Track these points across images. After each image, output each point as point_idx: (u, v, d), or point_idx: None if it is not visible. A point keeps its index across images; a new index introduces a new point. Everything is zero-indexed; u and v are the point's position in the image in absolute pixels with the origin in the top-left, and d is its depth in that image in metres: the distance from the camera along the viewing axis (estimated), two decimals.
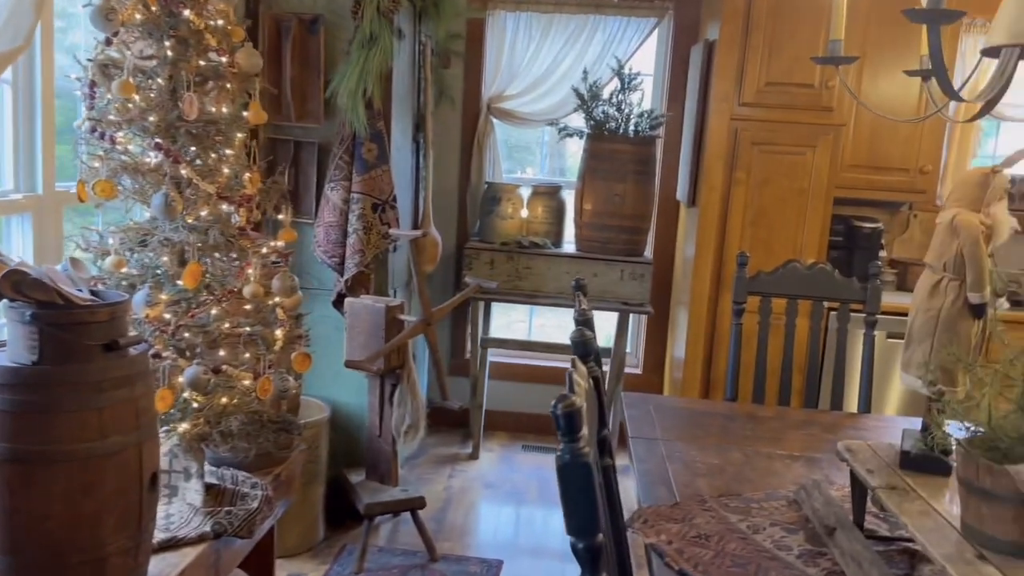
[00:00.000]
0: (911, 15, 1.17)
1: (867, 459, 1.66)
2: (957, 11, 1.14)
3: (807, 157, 3.52)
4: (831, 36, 1.54)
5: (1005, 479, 1.22)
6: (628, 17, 4.15)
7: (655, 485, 1.88)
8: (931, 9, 1.12)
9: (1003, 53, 1.26)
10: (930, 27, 1.16)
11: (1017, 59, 1.24)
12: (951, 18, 1.14)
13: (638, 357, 4.54)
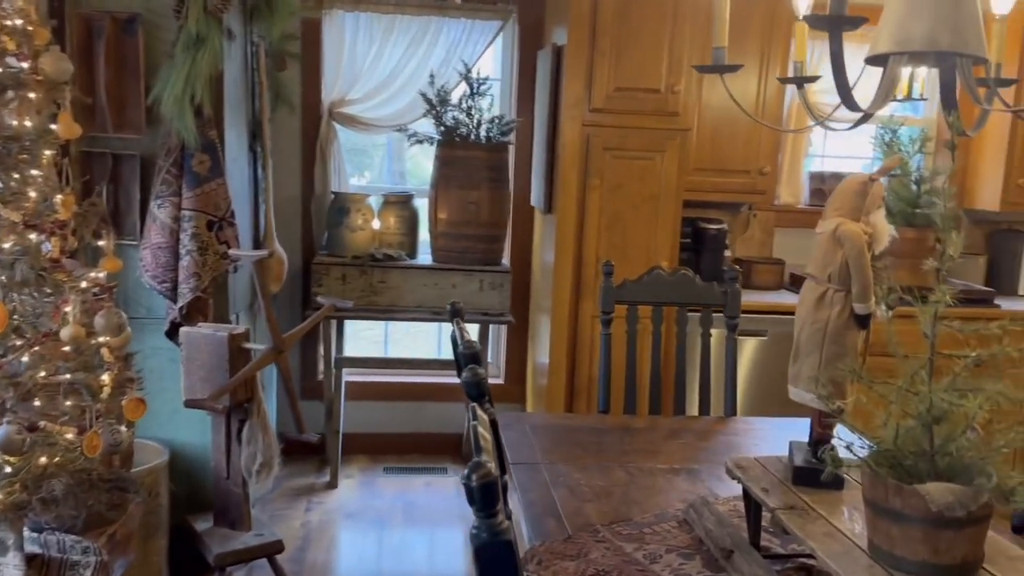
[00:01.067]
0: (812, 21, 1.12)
1: (759, 476, 1.63)
2: (860, 17, 1.10)
3: (656, 162, 3.55)
4: (714, 44, 1.48)
5: (914, 499, 1.19)
6: (472, 20, 4.04)
7: (543, 517, 1.77)
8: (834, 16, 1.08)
9: (889, 61, 1.23)
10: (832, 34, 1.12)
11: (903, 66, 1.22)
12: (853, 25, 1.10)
13: (499, 367, 4.45)
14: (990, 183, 4.17)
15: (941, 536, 1.20)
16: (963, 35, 1.20)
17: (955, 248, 1.27)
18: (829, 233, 1.51)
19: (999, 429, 1.26)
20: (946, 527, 1.19)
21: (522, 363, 4.35)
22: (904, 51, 1.20)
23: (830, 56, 1.14)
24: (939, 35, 1.20)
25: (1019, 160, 4.05)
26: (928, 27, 1.20)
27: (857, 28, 1.10)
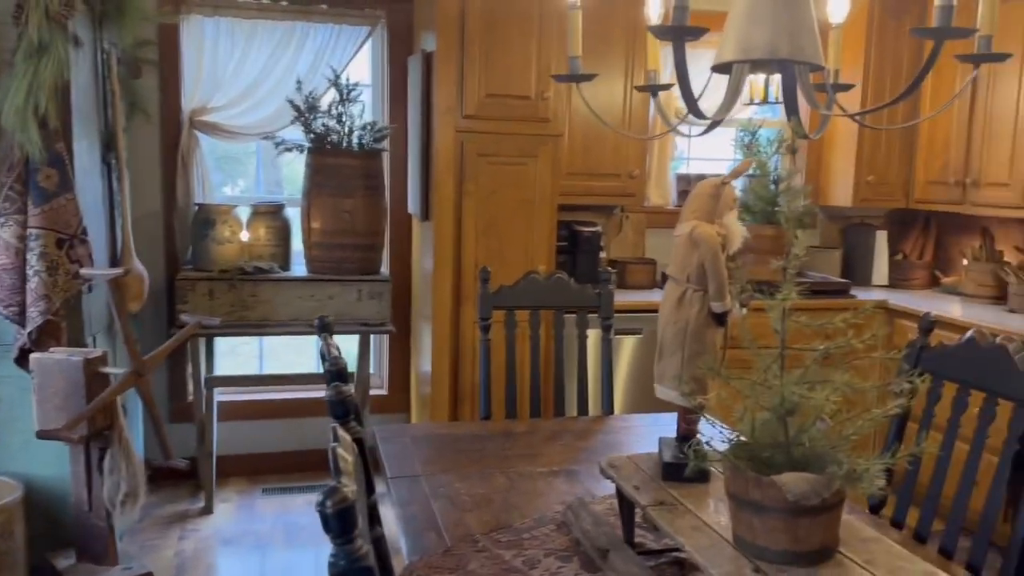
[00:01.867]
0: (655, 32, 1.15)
1: (631, 475, 1.66)
2: (700, 28, 1.14)
3: (530, 167, 3.58)
4: (569, 53, 1.50)
5: (773, 490, 1.23)
6: (339, 25, 3.96)
7: (423, 532, 1.74)
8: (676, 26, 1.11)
9: (734, 69, 1.28)
10: (675, 44, 1.15)
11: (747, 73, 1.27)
12: (695, 35, 1.13)
13: (382, 377, 4.38)
14: (842, 181, 4.44)
15: (799, 524, 1.25)
16: (800, 43, 1.26)
17: (801, 247, 1.32)
18: (685, 236, 1.55)
19: (848, 418, 1.33)
20: (803, 515, 1.24)
21: (405, 373, 4.30)
22: (747, 59, 1.24)
23: (674, 65, 1.17)
24: (779, 43, 1.25)
25: (868, 159, 4.33)
26: (768, 36, 1.26)
27: (699, 38, 1.14)
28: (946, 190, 4.12)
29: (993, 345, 1.79)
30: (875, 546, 1.33)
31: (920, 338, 1.98)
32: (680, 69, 1.17)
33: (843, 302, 4.03)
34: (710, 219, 1.57)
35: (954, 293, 4.23)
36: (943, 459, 1.86)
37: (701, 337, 1.56)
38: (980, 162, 3.90)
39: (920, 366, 1.96)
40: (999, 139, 3.79)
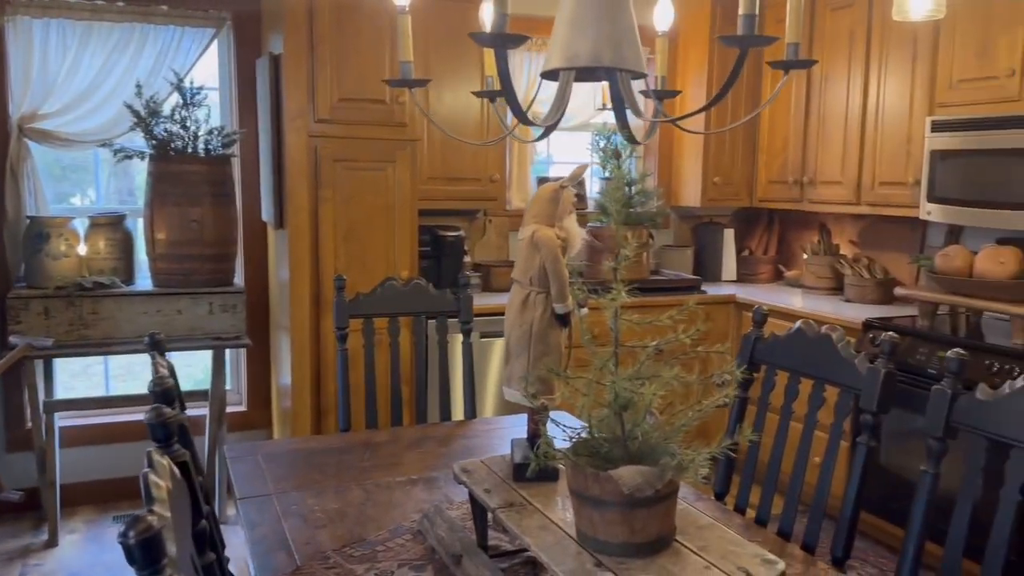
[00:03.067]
0: (478, 39, 1.15)
1: (483, 478, 1.66)
2: (521, 36, 1.15)
3: (388, 172, 3.54)
4: (400, 58, 1.49)
5: (610, 484, 1.27)
6: (182, 27, 3.79)
7: (272, 552, 1.68)
8: (496, 34, 1.12)
9: (560, 76, 1.30)
10: (496, 51, 1.16)
11: (572, 81, 1.29)
12: (516, 42, 1.15)
13: (241, 393, 4.22)
14: (691, 183, 4.64)
15: (636, 516, 1.28)
16: (623, 52, 1.30)
17: (630, 249, 1.36)
18: (527, 239, 1.57)
19: (681, 410, 1.38)
20: (639, 507, 1.28)
21: (266, 387, 4.16)
22: (571, 66, 1.27)
23: (497, 72, 1.19)
24: (602, 52, 1.29)
25: (714, 161, 4.54)
26: (591, 44, 1.29)
27: (519, 46, 1.15)
28: (786, 189, 4.38)
29: (819, 335, 1.91)
30: (710, 533, 1.39)
31: (754, 330, 2.08)
32: (503, 76, 1.18)
33: (695, 298, 4.21)
34: (550, 223, 1.59)
35: (796, 286, 4.50)
36: (779, 444, 1.97)
37: (545, 338, 1.59)
38: (815, 162, 4.17)
39: (754, 357, 2.07)
40: (831, 141, 4.07)
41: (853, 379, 1.78)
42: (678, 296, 4.19)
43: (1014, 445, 1.45)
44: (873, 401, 1.70)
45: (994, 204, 3.13)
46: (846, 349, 1.82)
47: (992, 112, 3.19)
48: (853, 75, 3.91)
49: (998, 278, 3.03)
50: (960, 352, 1.54)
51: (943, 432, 1.55)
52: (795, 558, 1.68)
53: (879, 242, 4.24)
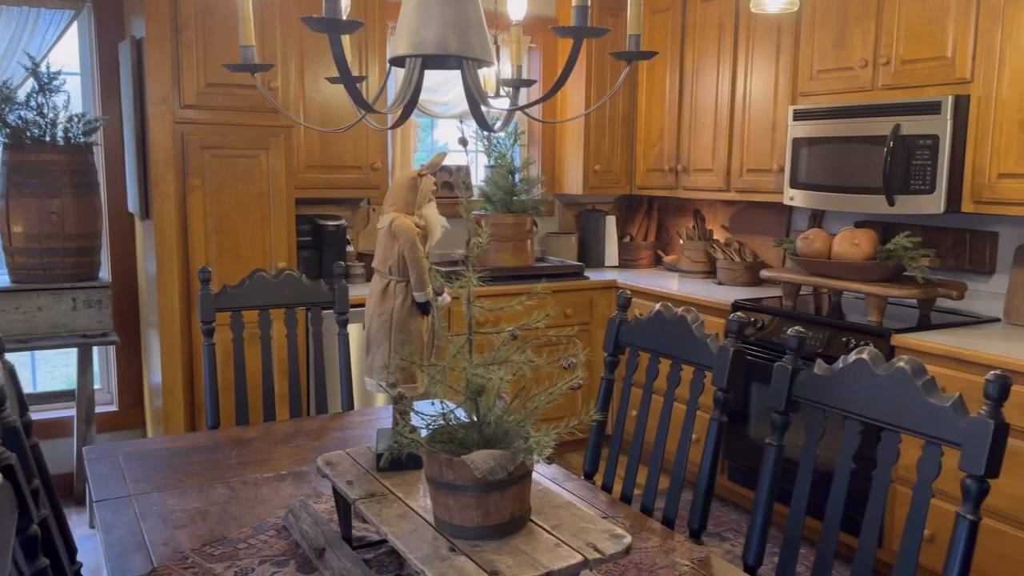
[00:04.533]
0: (310, 24, 1.13)
1: (347, 470, 1.65)
2: (355, 22, 1.13)
3: (261, 160, 3.45)
4: (241, 42, 1.45)
5: (463, 469, 1.28)
6: (38, 8, 3.56)
7: (127, 555, 1.62)
8: (329, 19, 1.10)
9: (407, 63, 1.30)
10: (331, 37, 1.14)
11: (421, 68, 1.29)
12: (350, 28, 1.13)
13: (112, 392, 4.03)
14: (574, 170, 4.71)
15: (490, 499, 1.30)
16: (469, 40, 1.31)
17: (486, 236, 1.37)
18: (385, 228, 1.56)
19: (536, 394, 1.41)
20: (492, 490, 1.30)
21: (138, 386, 3.99)
22: (418, 54, 1.27)
23: (333, 58, 1.17)
24: (448, 40, 1.29)
25: (594, 150, 4.62)
26: (437, 32, 1.29)
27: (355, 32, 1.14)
28: (662, 177, 4.51)
29: (676, 316, 1.98)
30: (565, 512, 1.42)
31: (619, 313, 2.14)
32: (339, 61, 1.16)
33: (578, 283, 4.29)
34: (409, 211, 1.59)
35: (674, 270, 4.65)
36: (641, 423, 2.03)
37: (406, 327, 1.58)
38: (688, 151, 4.31)
39: (619, 339, 2.13)
40: (703, 130, 4.21)
41: (706, 358, 1.85)
42: (562, 282, 4.25)
43: (848, 416, 1.54)
44: (723, 378, 1.78)
45: (851, 189, 3.32)
46: (700, 330, 1.90)
47: (848, 101, 3.37)
48: (722, 66, 4.06)
49: (854, 259, 3.21)
50: (799, 330, 1.63)
51: (784, 406, 1.63)
52: (654, 532, 1.74)
53: (749, 227, 4.42)
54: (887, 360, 1.47)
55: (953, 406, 1.35)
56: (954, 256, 3.40)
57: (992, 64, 2.89)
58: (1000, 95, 2.87)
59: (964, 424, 1.33)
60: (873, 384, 1.48)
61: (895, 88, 3.23)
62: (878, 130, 3.19)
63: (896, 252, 3.13)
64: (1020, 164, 2.82)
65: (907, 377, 1.42)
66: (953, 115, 2.96)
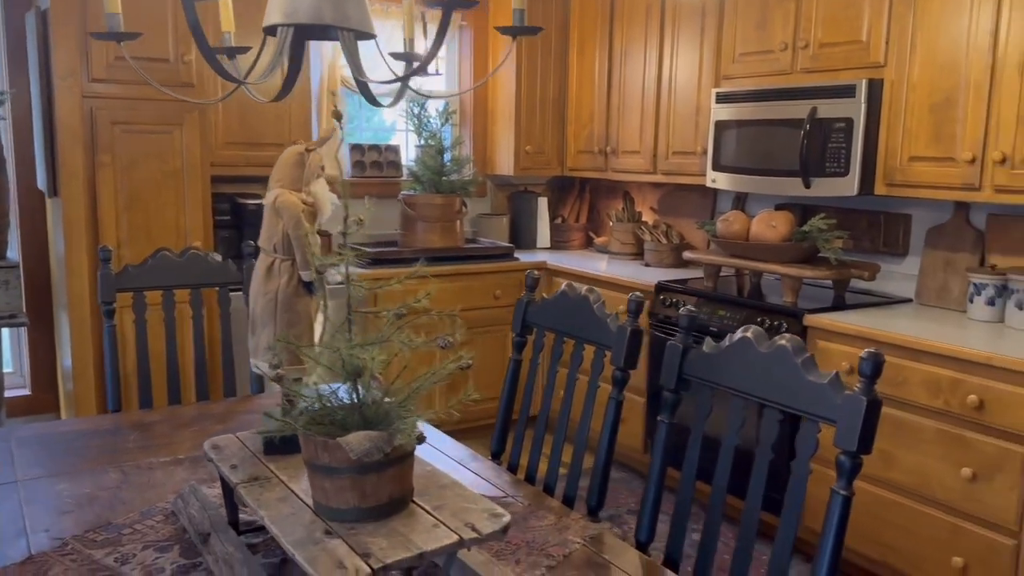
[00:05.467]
0: None
1: (233, 453, 1.61)
2: None
3: (175, 136, 3.35)
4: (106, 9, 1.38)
5: (338, 452, 1.25)
6: None
7: (8, 542, 1.56)
8: None
9: (279, 32, 1.25)
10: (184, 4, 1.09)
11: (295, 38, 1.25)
12: None
13: (24, 376, 3.90)
14: (505, 151, 4.69)
15: (366, 481, 1.28)
16: (345, 9, 1.27)
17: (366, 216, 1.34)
18: (270, 205, 1.52)
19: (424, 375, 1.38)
20: (369, 472, 1.27)
21: (52, 369, 3.87)
22: (291, 23, 1.23)
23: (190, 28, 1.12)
24: (323, 9, 1.25)
25: (525, 130, 4.60)
26: (312, 1, 1.25)
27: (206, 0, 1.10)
28: (592, 158, 4.51)
29: (579, 296, 1.97)
30: (449, 492, 1.41)
31: (526, 294, 2.13)
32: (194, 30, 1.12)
33: (508, 265, 4.28)
34: (296, 187, 1.55)
35: (604, 252, 4.67)
36: (546, 403, 2.03)
37: (293, 306, 1.55)
38: (617, 133, 4.32)
39: (527, 319, 2.12)
40: (630, 112, 4.22)
41: (606, 337, 1.86)
42: (492, 263, 4.24)
43: (735, 394, 1.56)
44: (621, 357, 1.79)
45: (771, 172, 3.36)
46: (601, 309, 1.90)
47: (769, 84, 3.41)
48: (649, 48, 4.06)
49: (770, 241, 3.26)
50: (690, 309, 1.64)
51: (675, 384, 1.64)
52: (551, 510, 1.74)
53: (677, 209, 4.46)
54: (802, 341, 1.49)
55: (830, 383, 1.37)
56: (869, 238, 3.48)
57: (904, 48, 2.94)
58: (912, 79, 2.92)
59: (839, 401, 1.35)
60: (756, 361, 1.49)
61: (813, 71, 3.27)
62: (796, 113, 3.23)
63: (811, 234, 3.18)
64: (930, 147, 2.88)
65: (788, 354, 1.43)
66: (867, 98, 3.02)
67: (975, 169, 2.75)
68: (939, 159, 2.86)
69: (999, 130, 2.67)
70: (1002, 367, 2.40)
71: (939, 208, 3.23)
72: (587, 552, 1.56)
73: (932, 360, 2.59)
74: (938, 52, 2.84)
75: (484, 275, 4.20)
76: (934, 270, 3.22)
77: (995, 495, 2.42)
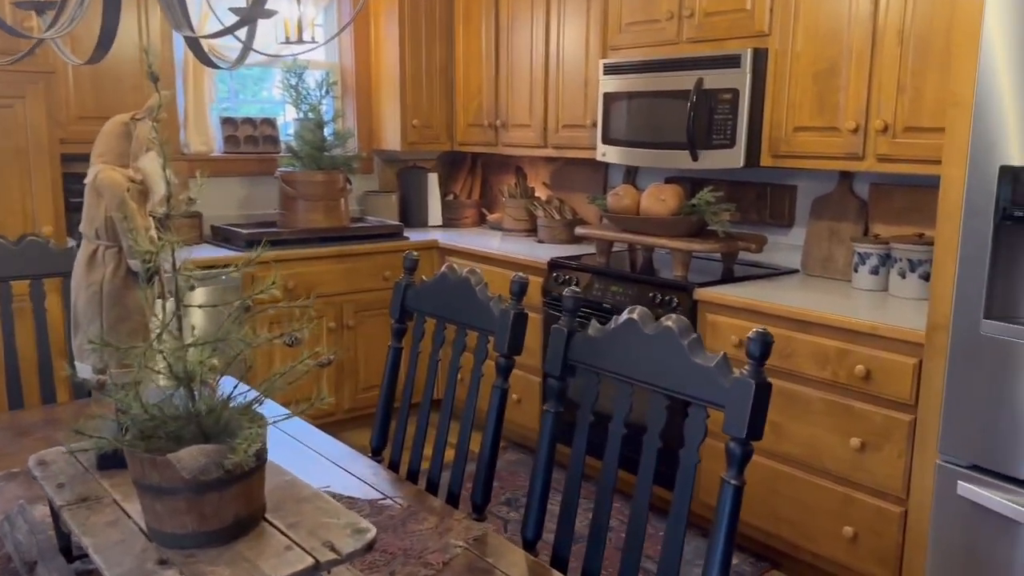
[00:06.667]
0: None
1: (62, 470, 1.40)
2: None
3: (17, 110, 3.01)
4: None
5: (169, 470, 1.08)
6: None
7: None
8: None
9: None
10: None
11: None
12: None
13: None
14: (391, 125, 4.48)
15: (205, 502, 1.11)
16: None
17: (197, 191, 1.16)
18: (90, 184, 1.31)
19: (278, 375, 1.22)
20: (208, 491, 1.11)
21: None
22: None
23: None
24: None
25: (412, 103, 4.41)
26: None
27: None
28: (483, 132, 4.36)
29: (460, 278, 1.84)
30: (308, 506, 1.25)
31: (405, 277, 1.98)
32: None
33: (397, 244, 4.10)
34: (123, 162, 1.34)
35: (497, 229, 4.54)
36: (427, 394, 1.90)
37: (122, 299, 1.35)
38: (507, 105, 4.18)
39: (406, 305, 1.97)
40: (520, 84, 4.08)
41: (489, 322, 1.73)
42: (380, 243, 4.05)
43: (622, 380, 1.46)
44: (505, 343, 1.66)
45: (660, 145, 3.30)
46: (483, 292, 1.77)
47: (656, 55, 3.34)
48: (536, 18, 3.93)
49: (660, 215, 3.20)
50: (575, 291, 1.53)
51: (561, 371, 1.53)
52: (433, 511, 1.61)
53: (569, 184, 4.37)
54: (691, 316, 1.39)
55: (717, 366, 1.29)
56: (756, 210, 3.48)
57: (788, 17, 2.91)
58: (795, 49, 2.90)
59: (727, 385, 1.26)
60: (642, 344, 1.39)
61: (699, 41, 3.21)
62: (683, 84, 3.17)
63: (699, 207, 3.14)
64: (814, 118, 2.87)
65: (673, 336, 1.34)
66: (752, 69, 2.98)
67: (858, 138, 2.75)
68: (823, 129, 2.85)
69: (880, 99, 2.68)
70: (887, 336, 2.41)
71: (824, 178, 3.25)
72: (469, 557, 1.44)
73: (819, 331, 2.58)
74: (821, 21, 2.82)
75: (372, 255, 4.01)
76: (819, 240, 3.24)
77: (883, 463, 2.44)
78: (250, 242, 3.70)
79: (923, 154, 2.57)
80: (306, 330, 1.18)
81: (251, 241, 3.70)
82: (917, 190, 2.95)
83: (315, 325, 1.11)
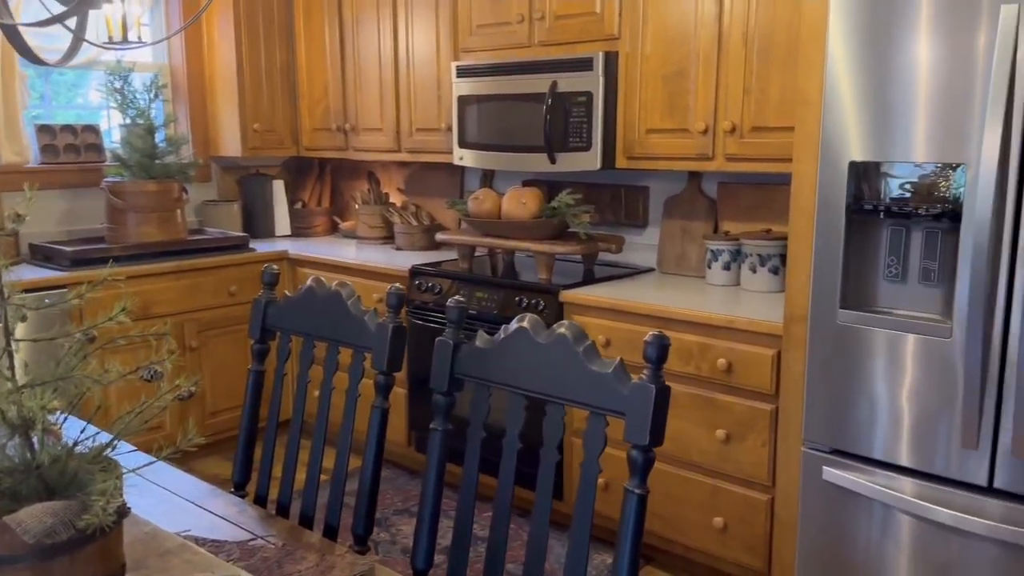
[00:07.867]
0: None
1: None
2: None
3: None
4: None
5: (9, 534, 0.91)
6: None
7: None
8: None
9: None
10: None
11: None
12: None
13: None
14: (230, 130, 4.22)
15: (55, 567, 0.95)
16: None
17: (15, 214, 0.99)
18: None
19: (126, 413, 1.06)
20: (56, 555, 0.94)
21: None
22: None
23: None
24: None
25: (251, 106, 4.17)
26: None
27: None
28: (331, 136, 4.19)
29: (329, 292, 1.71)
30: (175, 558, 1.10)
31: (264, 292, 1.83)
32: None
33: (243, 256, 3.86)
34: None
35: (352, 237, 4.38)
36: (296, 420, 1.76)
37: None
38: (356, 109, 4.04)
39: (267, 323, 1.82)
40: (369, 86, 3.95)
41: (364, 338, 1.62)
42: (224, 256, 3.79)
43: (515, 392, 1.39)
44: (384, 360, 1.56)
45: (517, 148, 3.28)
46: (356, 306, 1.66)
47: (508, 58, 3.31)
48: (383, 17, 3.82)
49: (521, 218, 3.18)
50: (459, 300, 1.45)
51: (448, 385, 1.45)
52: (311, 548, 1.48)
53: (425, 189, 4.28)
54: (557, 318, 1.34)
55: (614, 372, 1.25)
56: (612, 211, 3.53)
57: (636, 20, 2.96)
58: (645, 51, 2.96)
59: (625, 391, 1.23)
60: (536, 354, 1.34)
61: (551, 44, 3.22)
62: (538, 87, 3.16)
63: (560, 210, 3.14)
64: (665, 120, 2.94)
65: (568, 344, 1.29)
66: (604, 71, 3.01)
67: (708, 139, 2.84)
68: (674, 131, 2.92)
69: (728, 100, 2.77)
70: (743, 329, 2.50)
71: (674, 179, 3.34)
72: None
73: (681, 327, 2.64)
74: (668, 24, 2.89)
75: (215, 269, 3.75)
76: (673, 239, 3.32)
77: (748, 453, 2.52)
78: (76, 260, 3.35)
79: (770, 153, 2.69)
80: (167, 362, 1.03)
81: (77, 260, 3.36)
82: (762, 188, 3.09)
83: (175, 357, 0.97)
